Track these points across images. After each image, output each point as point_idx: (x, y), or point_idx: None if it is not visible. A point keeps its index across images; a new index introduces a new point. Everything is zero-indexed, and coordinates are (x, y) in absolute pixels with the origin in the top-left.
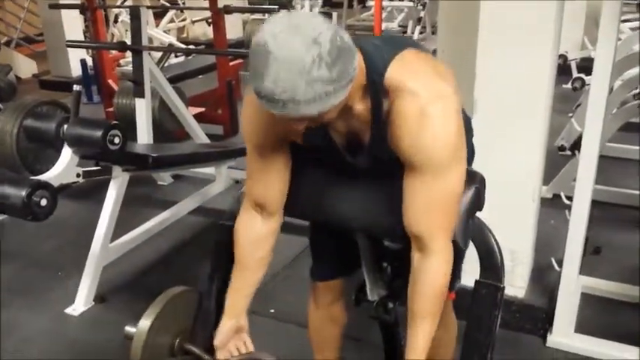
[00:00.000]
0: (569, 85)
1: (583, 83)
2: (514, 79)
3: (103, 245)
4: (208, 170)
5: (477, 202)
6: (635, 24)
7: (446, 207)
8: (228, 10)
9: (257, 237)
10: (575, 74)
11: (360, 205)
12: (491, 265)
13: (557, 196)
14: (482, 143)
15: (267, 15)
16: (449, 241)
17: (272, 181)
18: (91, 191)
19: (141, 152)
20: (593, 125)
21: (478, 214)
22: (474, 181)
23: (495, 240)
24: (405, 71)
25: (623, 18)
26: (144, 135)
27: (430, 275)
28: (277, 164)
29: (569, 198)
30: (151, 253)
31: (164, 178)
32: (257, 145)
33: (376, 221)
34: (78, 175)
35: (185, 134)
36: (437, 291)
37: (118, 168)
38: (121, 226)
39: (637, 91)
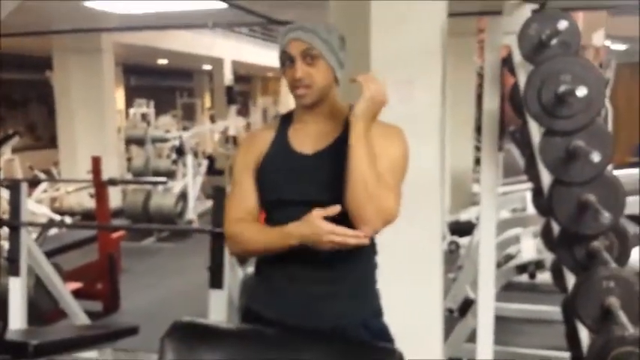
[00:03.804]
0: (444, 247)
1: (458, 245)
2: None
3: None
4: (88, 354)
5: None
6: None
7: (392, 178)
8: (114, 182)
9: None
10: (448, 237)
11: None
12: None
13: None
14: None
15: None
16: (397, 199)
17: (249, 201)
18: None
19: (21, 339)
20: (485, 293)
21: None
22: (394, 357)
23: None
24: None
25: None
26: (17, 318)
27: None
28: (253, 190)
29: None
30: None
31: None
32: (244, 170)
33: None
34: None
35: (59, 314)
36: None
37: None
38: None
39: (506, 252)
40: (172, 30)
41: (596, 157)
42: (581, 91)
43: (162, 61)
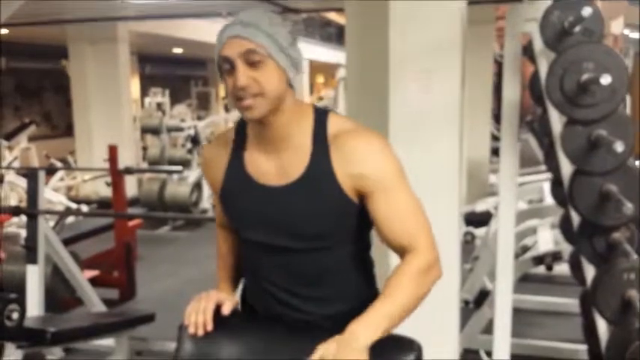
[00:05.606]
0: (460, 238)
1: (473, 236)
2: None
3: None
4: (104, 342)
5: None
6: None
7: (412, 214)
8: (130, 171)
9: (230, 239)
10: (464, 227)
11: None
12: None
13: (467, 351)
14: None
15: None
16: (430, 241)
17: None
18: None
19: (38, 327)
20: (503, 285)
21: None
22: (412, 349)
23: None
24: (342, 120)
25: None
26: (35, 305)
27: (407, 264)
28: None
29: (488, 353)
30: None
31: (54, 352)
32: (213, 186)
33: None
34: None
35: (76, 301)
36: (409, 275)
37: (12, 345)
38: None
39: (523, 243)
40: (187, 19)
41: (619, 146)
42: (606, 79)
43: (177, 50)
